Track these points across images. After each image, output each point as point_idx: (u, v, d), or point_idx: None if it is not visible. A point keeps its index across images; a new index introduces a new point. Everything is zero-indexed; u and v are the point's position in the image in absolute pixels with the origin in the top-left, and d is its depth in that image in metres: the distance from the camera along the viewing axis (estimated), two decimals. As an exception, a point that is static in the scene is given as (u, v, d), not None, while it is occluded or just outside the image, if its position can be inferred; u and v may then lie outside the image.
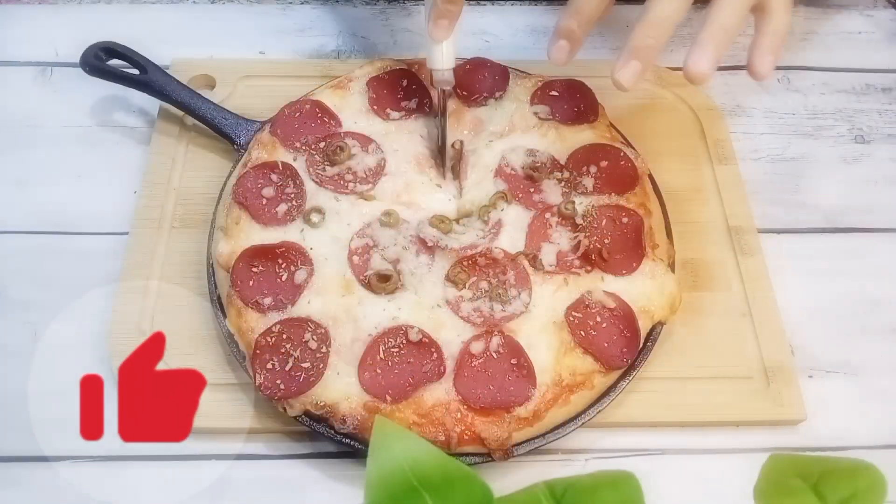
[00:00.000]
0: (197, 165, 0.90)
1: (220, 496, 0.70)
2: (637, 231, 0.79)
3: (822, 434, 0.75)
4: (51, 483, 0.71)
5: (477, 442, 0.69)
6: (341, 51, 1.04)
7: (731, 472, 0.69)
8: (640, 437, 0.75)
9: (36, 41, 1.02)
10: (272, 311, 0.74)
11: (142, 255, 0.83)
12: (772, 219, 0.90)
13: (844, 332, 0.82)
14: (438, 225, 0.79)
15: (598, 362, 0.72)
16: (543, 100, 0.90)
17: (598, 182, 0.83)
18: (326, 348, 0.72)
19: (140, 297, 0.80)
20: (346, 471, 0.72)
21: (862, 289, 0.85)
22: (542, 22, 1.08)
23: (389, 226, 0.78)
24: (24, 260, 0.84)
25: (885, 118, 1.00)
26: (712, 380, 0.77)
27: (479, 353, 0.71)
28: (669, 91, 0.98)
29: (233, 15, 1.07)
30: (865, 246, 0.89)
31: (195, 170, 0.89)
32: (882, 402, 0.78)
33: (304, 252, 0.77)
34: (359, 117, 0.88)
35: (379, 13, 1.09)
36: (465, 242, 0.78)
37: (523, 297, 0.74)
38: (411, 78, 0.90)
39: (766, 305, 0.81)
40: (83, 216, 0.87)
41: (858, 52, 1.07)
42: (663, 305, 0.76)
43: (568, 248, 0.78)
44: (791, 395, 0.76)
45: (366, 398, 0.69)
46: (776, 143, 0.97)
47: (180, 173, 0.89)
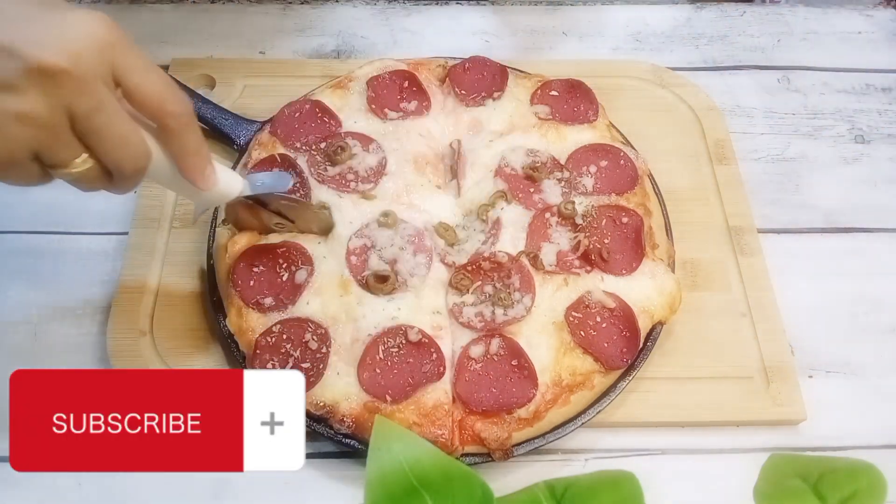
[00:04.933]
0: (197, 165, 0.90)
1: (220, 496, 0.71)
2: (637, 231, 0.79)
3: (822, 434, 0.75)
4: (51, 483, 0.71)
5: (477, 442, 0.69)
6: (341, 51, 1.04)
7: (731, 472, 0.70)
8: (640, 437, 0.75)
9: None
10: (272, 311, 0.74)
11: (142, 255, 0.83)
12: (772, 219, 0.90)
13: (844, 332, 0.82)
14: (444, 234, 0.79)
15: (598, 362, 0.72)
16: (543, 100, 0.90)
17: (598, 182, 0.83)
18: (326, 348, 0.72)
19: (140, 297, 0.80)
20: (346, 471, 0.72)
21: (862, 289, 0.85)
22: (542, 22, 1.08)
23: (387, 226, 0.78)
24: (24, 260, 0.84)
25: (885, 118, 1.00)
26: (712, 380, 0.77)
27: (478, 357, 0.71)
28: (669, 91, 0.99)
29: (233, 15, 1.07)
30: (865, 246, 0.89)
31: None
32: (882, 402, 0.78)
33: (305, 252, 0.77)
34: (358, 117, 0.88)
35: (379, 13, 1.09)
36: (470, 250, 0.78)
37: (525, 301, 0.74)
38: (411, 78, 0.90)
39: (766, 305, 0.81)
40: (83, 216, 0.87)
41: (858, 52, 1.07)
42: (663, 305, 0.76)
43: (568, 248, 0.78)
44: (791, 395, 0.76)
45: (366, 398, 0.69)
46: (776, 143, 0.97)
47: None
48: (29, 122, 0.49)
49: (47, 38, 0.49)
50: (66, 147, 0.53)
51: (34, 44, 0.49)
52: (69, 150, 0.53)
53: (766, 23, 1.10)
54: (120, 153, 0.55)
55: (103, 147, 0.54)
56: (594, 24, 1.09)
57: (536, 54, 1.05)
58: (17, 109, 0.49)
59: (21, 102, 0.49)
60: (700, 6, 1.11)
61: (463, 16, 1.09)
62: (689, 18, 1.10)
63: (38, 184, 0.55)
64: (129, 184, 0.58)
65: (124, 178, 0.57)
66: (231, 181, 0.67)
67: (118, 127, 0.54)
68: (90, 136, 0.53)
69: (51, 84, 0.49)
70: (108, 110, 0.52)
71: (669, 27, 1.08)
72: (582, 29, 1.08)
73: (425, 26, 1.07)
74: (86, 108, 0.51)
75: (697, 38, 1.07)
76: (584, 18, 1.09)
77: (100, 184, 0.57)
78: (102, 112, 0.52)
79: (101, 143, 0.53)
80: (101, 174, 0.56)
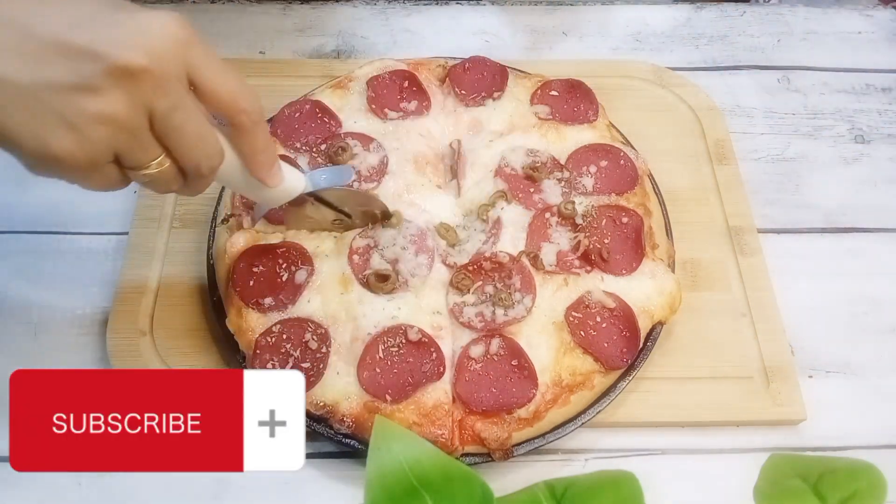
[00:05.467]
0: (197, 165, 0.90)
1: (220, 496, 0.71)
2: (637, 231, 0.79)
3: (822, 434, 0.76)
4: (51, 483, 0.71)
5: (477, 442, 0.69)
6: (341, 51, 1.04)
7: (731, 472, 0.70)
8: (640, 437, 0.75)
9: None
10: (272, 311, 0.74)
11: (142, 255, 0.83)
12: (772, 219, 0.90)
13: (844, 332, 0.82)
14: (445, 235, 0.79)
15: (598, 362, 0.72)
16: (543, 100, 0.90)
17: (598, 182, 0.83)
18: (326, 348, 0.72)
19: (140, 296, 0.80)
20: (346, 471, 0.72)
21: (862, 289, 0.85)
22: (542, 22, 1.09)
23: (391, 226, 0.78)
24: (24, 260, 0.84)
25: (884, 118, 1.00)
26: (712, 380, 0.77)
27: (478, 357, 0.71)
28: (669, 91, 0.99)
29: (232, 15, 1.07)
30: (865, 246, 0.89)
31: (195, 170, 0.89)
32: (882, 402, 0.78)
33: (305, 252, 0.77)
34: (358, 117, 0.88)
35: (379, 13, 1.09)
36: (471, 250, 0.78)
37: (526, 301, 0.74)
38: (411, 78, 0.90)
39: (766, 305, 0.82)
40: (83, 216, 0.87)
41: (858, 52, 1.07)
42: (663, 305, 0.76)
43: (568, 248, 0.78)
44: (791, 395, 0.76)
45: (366, 398, 0.69)
46: (776, 143, 0.97)
47: (180, 173, 0.89)
48: (111, 122, 0.49)
49: (126, 38, 0.49)
50: (146, 147, 0.53)
51: (113, 44, 0.48)
52: (149, 151, 0.53)
53: (766, 23, 1.10)
54: (198, 152, 0.55)
55: (182, 146, 0.54)
56: (594, 24, 1.09)
57: (536, 54, 1.05)
58: (99, 111, 0.49)
59: (103, 103, 0.49)
60: (700, 6, 1.11)
61: (463, 16, 1.09)
62: (689, 18, 1.10)
63: (116, 188, 0.55)
64: (202, 184, 0.59)
65: (200, 177, 0.57)
66: (294, 179, 0.68)
67: (196, 126, 0.54)
68: (169, 134, 0.53)
69: (131, 83, 0.49)
70: (187, 109, 0.53)
71: (669, 27, 1.08)
72: (582, 29, 1.08)
73: (425, 26, 1.07)
74: (165, 106, 0.51)
75: (697, 38, 1.08)
76: (584, 18, 1.10)
77: (175, 185, 0.57)
78: (181, 110, 0.52)
79: (180, 141, 0.53)
80: (176, 175, 0.56)
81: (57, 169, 0.51)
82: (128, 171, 0.54)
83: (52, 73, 0.48)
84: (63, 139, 0.49)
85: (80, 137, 0.49)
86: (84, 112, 0.48)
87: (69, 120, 0.48)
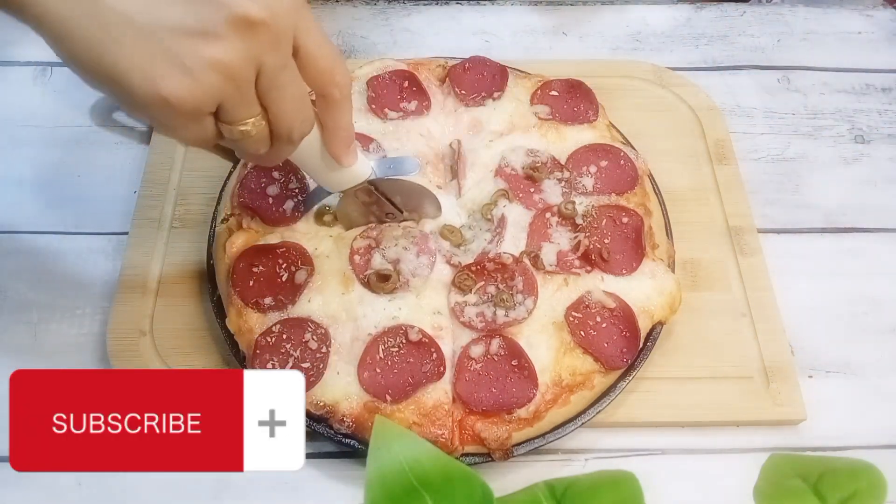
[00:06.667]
0: (197, 165, 0.90)
1: (220, 496, 0.71)
2: (637, 231, 0.79)
3: (822, 434, 0.75)
4: (51, 483, 0.71)
5: (477, 442, 0.69)
6: (341, 50, 1.04)
7: (731, 472, 0.70)
8: (640, 437, 0.75)
9: (36, 41, 1.01)
10: (272, 311, 0.74)
11: (142, 255, 0.83)
12: (772, 219, 0.90)
13: (844, 332, 0.82)
14: (449, 236, 0.79)
15: (598, 362, 0.72)
16: (543, 100, 0.90)
17: (598, 182, 0.83)
18: (326, 348, 0.72)
19: (140, 297, 0.80)
20: (346, 471, 0.72)
21: (862, 289, 0.85)
22: (542, 22, 1.09)
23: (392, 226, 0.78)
24: (24, 260, 0.84)
25: (884, 118, 1.00)
26: (712, 380, 0.77)
27: (478, 357, 0.71)
28: (669, 91, 0.99)
29: (233, 15, 1.07)
30: (865, 246, 0.89)
31: (195, 170, 0.89)
32: (882, 402, 0.78)
33: (305, 252, 0.77)
34: (358, 117, 0.87)
35: (379, 13, 1.09)
36: (477, 250, 0.78)
37: (528, 303, 0.74)
38: (411, 78, 0.90)
39: (766, 305, 0.81)
40: (83, 216, 0.87)
41: (858, 52, 1.07)
42: (663, 305, 0.76)
43: (568, 248, 0.78)
44: (791, 395, 0.76)
45: (366, 398, 0.69)
46: (776, 143, 0.97)
47: (180, 173, 0.89)
48: (223, 70, 0.50)
49: None
50: (249, 103, 0.53)
51: None
52: (251, 107, 0.54)
53: (766, 23, 1.10)
54: (294, 115, 0.56)
55: (281, 107, 0.55)
56: (594, 24, 1.09)
57: (536, 54, 1.05)
58: (215, 57, 0.49)
59: (220, 51, 0.49)
60: (700, 6, 1.11)
61: (463, 16, 1.09)
62: (689, 18, 1.10)
63: (204, 145, 0.56)
64: (285, 151, 0.60)
65: (288, 142, 0.58)
66: (364, 163, 0.67)
67: (297, 88, 0.55)
68: (272, 93, 0.53)
69: (250, 34, 0.50)
70: (292, 70, 0.54)
71: (669, 27, 1.08)
72: (582, 29, 1.08)
73: (425, 26, 1.07)
74: (275, 63, 0.52)
75: (697, 38, 1.08)
76: (584, 18, 1.10)
77: (263, 147, 0.57)
78: (288, 70, 0.53)
79: (281, 101, 0.54)
80: (266, 137, 0.56)
81: (159, 112, 0.51)
82: (223, 126, 0.54)
83: (174, 15, 0.48)
84: (173, 81, 0.49)
85: (191, 82, 0.49)
86: (200, 57, 0.49)
87: (184, 63, 0.49)
